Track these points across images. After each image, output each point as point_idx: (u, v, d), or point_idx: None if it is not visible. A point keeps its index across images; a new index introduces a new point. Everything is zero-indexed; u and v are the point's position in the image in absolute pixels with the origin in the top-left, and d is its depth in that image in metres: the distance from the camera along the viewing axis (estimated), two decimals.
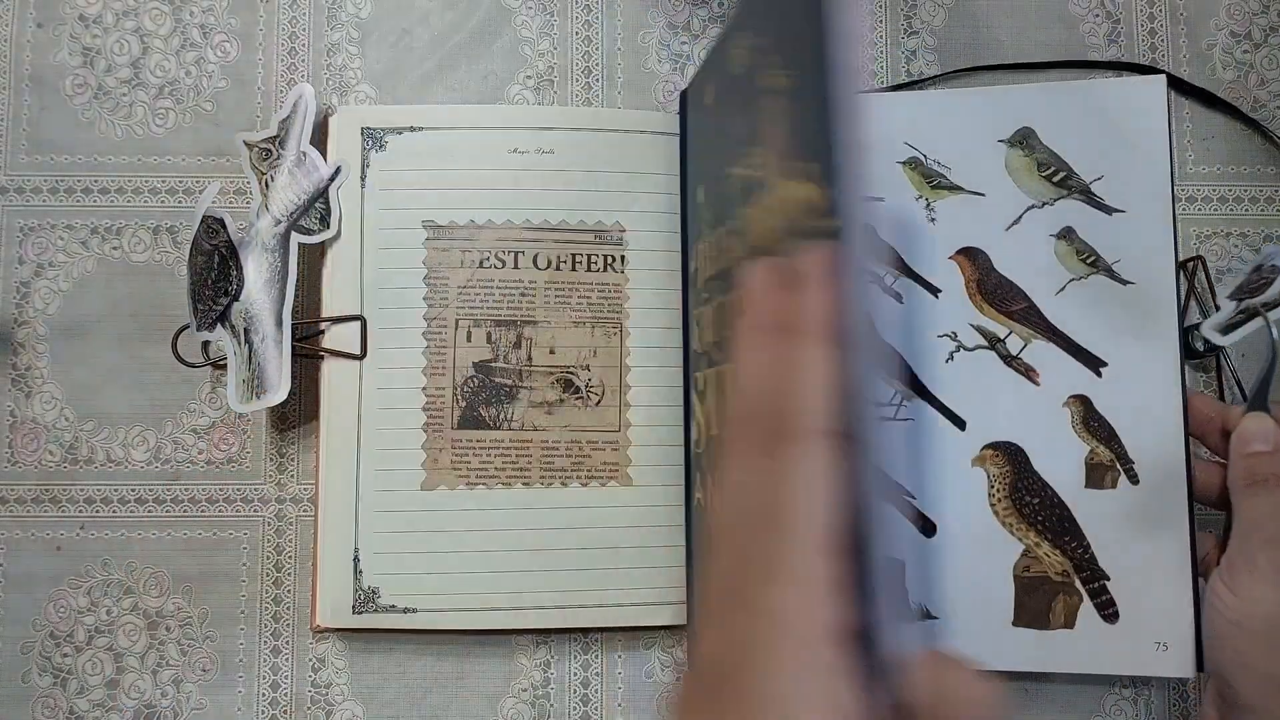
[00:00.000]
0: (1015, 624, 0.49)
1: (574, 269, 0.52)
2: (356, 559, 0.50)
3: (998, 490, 0.50)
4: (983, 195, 0.51)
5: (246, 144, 0.52)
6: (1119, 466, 0.49)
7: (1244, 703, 0.42)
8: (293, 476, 0.53)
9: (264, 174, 0.52)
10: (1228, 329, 0.50)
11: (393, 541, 0.51)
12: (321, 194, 0.52)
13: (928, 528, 0.50)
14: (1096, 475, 0.49)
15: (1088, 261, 0.50)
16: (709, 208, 0.46)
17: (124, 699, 0.51)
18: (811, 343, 0.29)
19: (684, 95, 0.52)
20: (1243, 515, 0.44)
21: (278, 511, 0.53)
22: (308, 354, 0.52)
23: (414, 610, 0.50)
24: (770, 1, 0.37)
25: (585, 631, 0.52)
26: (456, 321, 0.52)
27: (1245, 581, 0.43)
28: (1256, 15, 0.57)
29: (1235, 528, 0.45)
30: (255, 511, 0.53)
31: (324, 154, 0.52)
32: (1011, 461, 0.50)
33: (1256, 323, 0.49)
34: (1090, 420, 0.50)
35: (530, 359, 0.52)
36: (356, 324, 0.52)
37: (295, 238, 0.51)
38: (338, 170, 0.52)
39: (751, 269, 0.32)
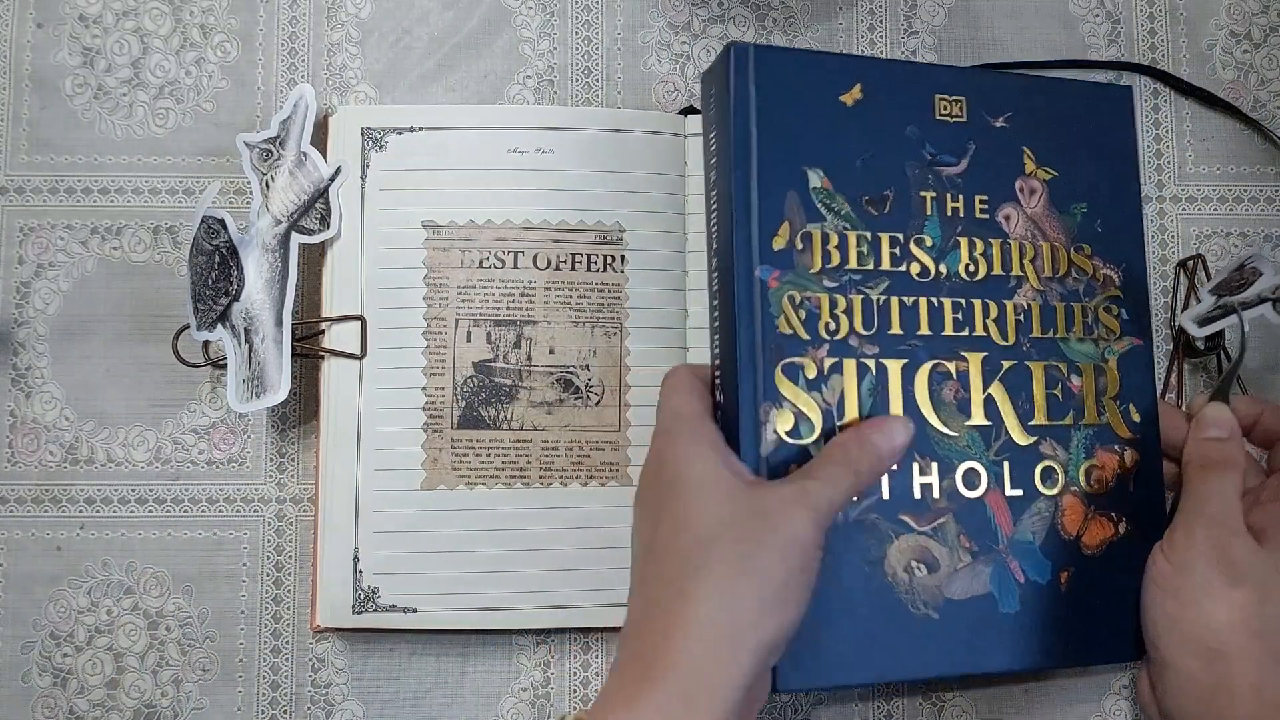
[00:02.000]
0: None
1: (574, 269, 0.52)
2: (356, 559, 0.50)
3: None
4: None
5: (247, 145, 0.52)
6: None
7: (1164, 659, 0.45)
8: (293, 476, 0.53)
9: (264, 174, 0.52)
10: (1204, 322, 0.50)
11: (393, 541, 0.51)
12: (321, 194, 0.52)
13: None
14: None
15: None
16: (842, 196, 0.47)
17: (124, 699, 0.51)
18: None
19: (741, 51, 0.46)
20: (1190, 493, 0.47)
21: (278, 511, 0.53)
22: (308, 354, 0.52)
23: (414, 610, 0.50)
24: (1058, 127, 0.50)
25: (585, 631, 0.52)
26: (456, 321, 0.52)
27: (1183, 554, 0.45)
28: (1256, 15, 0.57)
29: (1182, 504, 0.47)
30: (255, 511, 0.53)
31: (324, 154, 0.52)
32: None
33: (1232, 319, 0.49)
34: None
35: (530, 359, 0.52)
36: (356, 324, 0.52)
37: (295, 238, 0.51)
38: (338, 170, 0.52)
39: None
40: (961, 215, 0.49)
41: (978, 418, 0.47)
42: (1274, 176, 0.56)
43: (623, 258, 0.53)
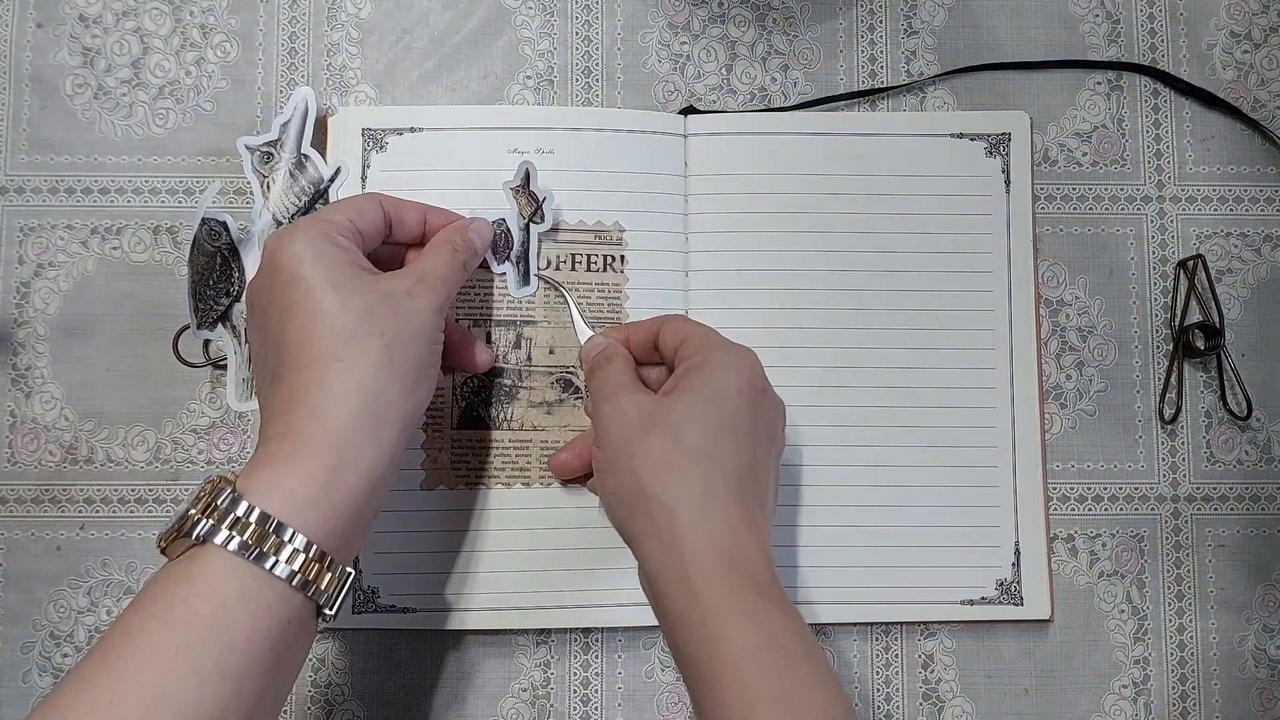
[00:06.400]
0: None
1: (574, 269, 0.52)
2: (356, 559, 0.50)
3: None
4: None
5: (248, 148, 0.51)
6: None
7: (628, 534, 0.44)
8: None
9: (265, 176, 0.52)
10: (525, 277, 0.52)
11: (392, 541, 0.51)
12: (322, 195, 0.52)
13: None
14: None
15: None
16: None
17: None
18: None
19: None
20: (591, 395, 0.48)
21: None
22: None
23: (414, 610, 0.50)
24: None
25: (585, 631, 0.52)
26: (456, 322, 0.52)
27: (602, 434, 0.45)
28: (1256, 15, 0.57)
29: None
30: None
31: (324, 155, 0.52)
32: None
33: (533, 261, 0.52)
34: None
35: (530, 359, 0.52)
36: None
37: None
38: (338, 171, 0.52)
39: None
40: None
41: None
42: (1274, 176, 0.56)
43: (623, 258, 0.53)
